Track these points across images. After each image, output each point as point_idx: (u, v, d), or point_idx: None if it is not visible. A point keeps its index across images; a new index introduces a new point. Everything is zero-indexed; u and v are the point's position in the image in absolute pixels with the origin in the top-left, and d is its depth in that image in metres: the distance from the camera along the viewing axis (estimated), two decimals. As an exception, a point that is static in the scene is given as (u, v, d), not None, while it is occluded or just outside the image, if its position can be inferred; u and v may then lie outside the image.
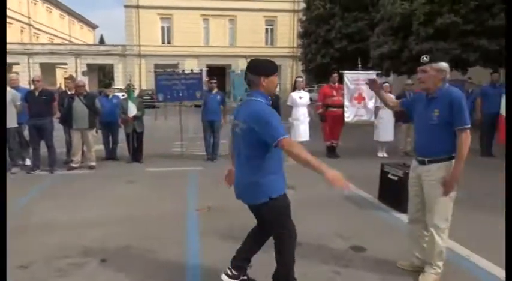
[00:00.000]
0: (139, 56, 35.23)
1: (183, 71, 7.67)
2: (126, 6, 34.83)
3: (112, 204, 5.07)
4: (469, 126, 2.72)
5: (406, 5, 13.12)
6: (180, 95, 7.45)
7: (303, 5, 21.98)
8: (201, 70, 7.63)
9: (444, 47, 12.47)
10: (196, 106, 14.31)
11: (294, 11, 36.17)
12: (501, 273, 3.06)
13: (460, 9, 12.37)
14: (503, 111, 8.00)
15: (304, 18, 21.12)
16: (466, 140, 2.71)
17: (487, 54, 12.59)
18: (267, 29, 37.38)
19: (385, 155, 8.35)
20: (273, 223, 2.60)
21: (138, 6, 34.52)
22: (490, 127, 8.29)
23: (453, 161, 2.77)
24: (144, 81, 33.79)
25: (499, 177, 6.26)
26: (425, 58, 2.81)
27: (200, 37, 36.18)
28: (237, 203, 2.82)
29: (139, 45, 35.09)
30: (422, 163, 2.90)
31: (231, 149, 2.82)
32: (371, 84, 3.01)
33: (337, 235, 3.93)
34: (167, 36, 36.11)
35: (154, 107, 15.71)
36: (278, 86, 2.94)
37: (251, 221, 4.29)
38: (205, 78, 8.41)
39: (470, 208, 4.60)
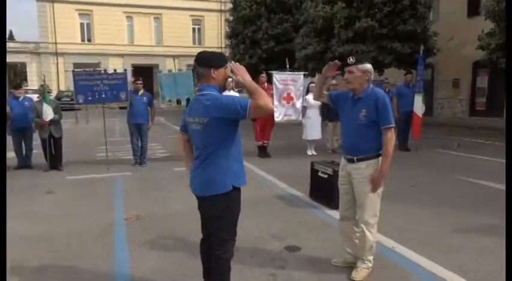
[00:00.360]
0: (56, 54, 32.63)
1: (105, 70, 7.15)
2: (38, 0, 32.04)
3: (29, 218, 4.56)
4: (393, 125, 2.86)
5: (328, 8, 13.73)
6: (103, 96, 6.96)
7: (229, 5, 22.01)
8: (125, 70, 7.20)
9: (363, 50, 13.28)
10: (121, 108, 13.62)
11: (220, 11, 36.16)
12: (425, 263, 3.28)
13: (376, 14, 13.28)
14: (416, 109, 8.71)
15: (231, 18, 21.12)
16: (391, 138, 2.85)
17: (400, 57, 13.66)
18: (194, 29, 36.93)
19: (314, 153, 8.63)
20: (224, 220, 2.48)
21: (52, 1, 31.95)
22: (405, 124, 8.96)
23: (380, 158, 2.90)
24: (63, 81, 31.40)
25: (416, 170, 6.82)
26: (351, 59, 2.89)
27: (124, 35, 34.57)
28: (166, 210, 2.68)
29: (56, 43, 32.50)
30: (351, 161, 2.99)
31: (184, 148, 2.69)
32: (332, 67, 2.98)
33: (271, 236, 3.93)
34: (87, 33, 33.93)
35: (74, 109, 14.61)
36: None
37: (181, 229, 4.15)
38: (130, 78, 7.98)
39: (392, 201, 4.89)
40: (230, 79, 8.07)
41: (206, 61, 2.42)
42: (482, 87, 16.03)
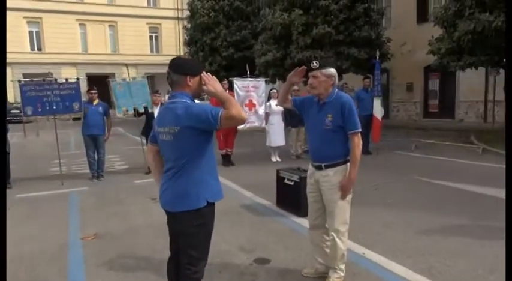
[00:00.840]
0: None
1: (56, 80, 6.72)
2: (-19, 7, 30.12)
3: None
4: (360, 130, 2.82)
5: (285, 15, 13.86)
6: (54, 107, 6.52)
7: (187, 13, 21.74)
8: (78, 79, 6.80)
9: (321, 55, 13.50)
10: (75, 119, 12.96)
11: (178, 18, 35.71)
12: (396, 268, 3.25)
13: (332, 21, 13.56)
14: (375, 112, 8.91)
15: (189, 25, 20.87)
16: (358, 143, 2.80)
17: (357, 62, 14.01)
18: (151, 37, 36.19)
19: (278, 159, 8.58)
20: (196, 238, 2.31)
21: (-3, 8, 30.12)
22: (364, 128, 9.09)
23: (348, 164, 2.84)
24: (12, 93, 29.63)
25: (378, 172, 6.92)
26: (314, 64, 2.82)
27: (77, 43, 33.23)
28: (127, 226, 2.47)
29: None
30: (319, 168, 2.91)
31: (153, 160, 2.50)
32: (299, 72, 2.87)
33: (239, 249, 3.78)
34: (37, 42, 32.32)
35: (21, 122, 13.72)
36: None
37: (144, 246, 3.90)
38: (85, 88, 7.58)
39: (357, 204, 4.89)
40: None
41: (181, 68, 2.29)
42: (434, 90, 16.80)
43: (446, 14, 10.30)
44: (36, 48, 32.30)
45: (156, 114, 7.52)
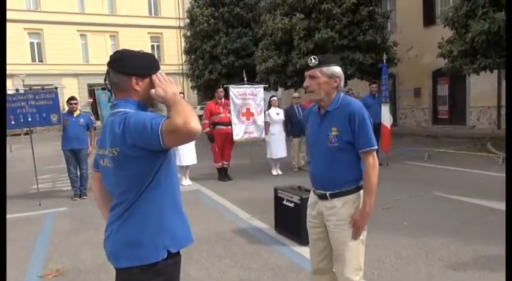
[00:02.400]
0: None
1: (30, 89, 6.13)
2: (-19, 19, 29.99)
3: None
4: (376, 146, 2.14)
5: (286, 20, 13.30)
6: (29, 119, 5.92)
7: (187, 21, 21.31)
8: (56, 88, 6.20)
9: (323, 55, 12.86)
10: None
11: (179, 27, 35.39)
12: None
13: (335, 25, 12.96)
14: (384, 120, 8.22)
15: (188, 33, 20.38)
16: (374, 164, 2.12)
17: (362, 67, 13.37)
18: (153, 46, 35.89)
19: (280, 172, 7.90)
20: None
21: (-2, 20, 29.97)
22: (373, 136, 8.45)
23: (361, 192, 2.17)
24: (10, 104, 29.29)
25: (390, 187, 6.20)
26: (313, 60, 2.16)
27: (78, 54, 32.99)
28: (99, 259, 1.81)
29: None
30: (322, 197, 2.23)
31: (99, 192, 1.85)
32: None
33: (228, 289, 3.10)
34: (38, 53, 32.09)
35: None
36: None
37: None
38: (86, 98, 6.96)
39: (368, 228, 4.19)
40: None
41: (124, 65, 1.63)
42: (443, 96, 16.08)
43: (457, 14, 9.64)
44: (37, 60, 32.08)
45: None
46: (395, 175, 7.34)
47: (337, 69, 2.18)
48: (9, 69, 30.33)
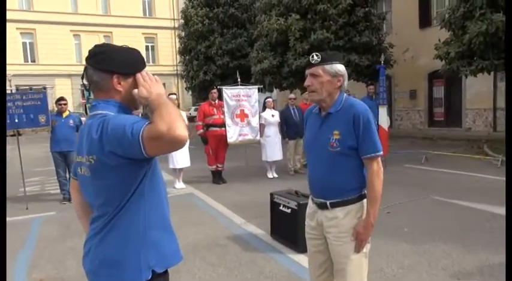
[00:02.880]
0: (-5, 76, 30.05)
1: (17, 89, 5.92)
2: (-27, 19, 29.58)
3: None
4: (381, 152, 1.98)
5: (282, 21, 13.16)
6: (16, 121, 5.71)
7: (182, 22, 21.12)
8: (45, 88, 6.00)
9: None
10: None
11: (174, 28, 35.18)
12: None
13: (331, 26, 12.84)
14: (382, 122, 8.10)
15: (183, 34, 20.17)
16: (378, 171, 1.96)
17: (358, 69, 13.26)
18: (147, 47, 35.65)
19: (275, 175, 7.74)
20: None
21: (-11, 19, 29.56)
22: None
23: (365, 201, 2.01)
24: (2, 105, 28.87)
25: (389, 191, 6.02)
26: (315, 57, 1.99)
27: (72, 54, 32.62)
28: (80, 268, 1.64)
29: (-6, 64, 29.99)
30: (322, 206, 2.06)
31: (79, 202, 1.68)
32: None
33: (221, 302, 2.93)
34: (30, 53, 31.72)
35: None
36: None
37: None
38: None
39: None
40: (174, 96, 7.06)
41: (105, 61, 1.44)
42: (439, 98, 16.02)
43: (454, 15, 9.55)
44: (29, 60, 31.69)
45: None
46: (394, 178, 7.19)
47: (341, 68, 2.01)
48: (1, 69, 30.07)
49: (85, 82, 1.50)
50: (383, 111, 8.08)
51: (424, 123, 16.54)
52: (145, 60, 1.58)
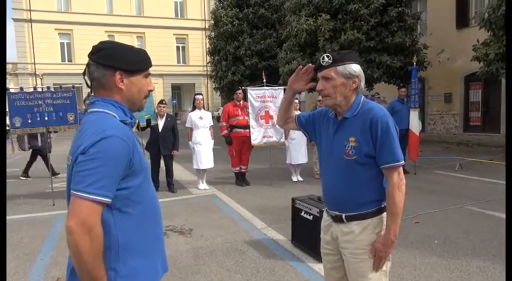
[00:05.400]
0: (35, 75, 31.42)
1: (48, 88, 6.04)
2: (15, 20, 31.03)
3: None
4: (403, 162, 1.79)
5: (311, 21, 12.93)
6: (46, 118, 5.82)
7: (212, 23, 21.27)
8: (73, 87, 6.10)
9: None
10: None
11: (204, 29, 35.56)
12: None
13: (362, 26, 12.50)
14: (413, 126, 7.76)
15: (212, 34, 20.28)
16: (399, 182, 1.76)
17: (389, 71, 12.84)
18: (178, 47, 36.26)
19: (300, 178, 7.56)
20: None
21: (30, 21, 30.91)
22: (400, 143, 7.96)
23: (384, 215, 1.83)
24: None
25: (418, 199, 5.75)
26: (326, 58, 1.80)
27: (105, 55, 33.61)
28: None
29: (34, 64, 31.36)
30: (338, 219, 1.89)
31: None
32: (303, 73, 1.90)
33: (235, 311, 2.81)
34: (67, 53, 32.92)
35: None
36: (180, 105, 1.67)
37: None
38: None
39: (400, 245, 3.82)
40: (200, 96, 7.03)
41: (107, 57, 1.36)
42: (476, 102, 15.27)
43: (494, 15, 9.05)
44: (66, 60, 32.88)
45: (160, 127, 6.72)
46: (424, 185, 6.87)
47: (355, 68, 1.82)
48: (41, 68, 31.31)
49: (86, 79, 1.42)
50: (414, 115, 7.74)
51: (459, 128, 15.82)
52: (151, 60, 1.48)
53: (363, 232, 1.81)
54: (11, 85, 31.29)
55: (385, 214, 1.82)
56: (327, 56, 1.81)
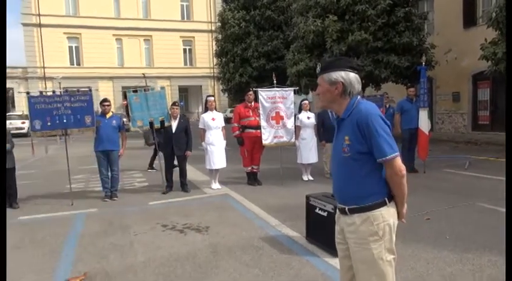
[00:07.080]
0: (44, 78, 31.82)
1: (66, 91, 6.22)
2: (24, 25, 31.48)
3: None
4: (395, 153, 1.91)
5: (318, 22, 13.05)
6: (64, 121, 6.01)
7: (219, 25, 21.47)
8: (90, 90, 6.27)
9: (358, 64, 12.51)
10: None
11: (211, 31, 35.82)
12: None
13: (369, 27, 12.59)
14: (422, 126, 7.84)
15: (220, 36, 20.49)
16: (397, 172, 1.92)
17: (397, 71, 12.91)
18: (185, 49, 36.53)
19: (310, 178, 7.68)
20: None
21: (39, 25, 31.34)
22: (409, 143, 8.08)
23: (384, 209, 1.98)
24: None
25: (428, 196, 5.85)
26: (318, 67, 2.09)
27: (113, 58, 34.01)
28: (121, 264, 1.71)
29: (43, 67, 31.77)
30: (343, 212, 2.07)
31: None
32: None
33: (256, 303, 2.94)
34: (76, 57, 33.31)
35: (26, 136, 13.00)
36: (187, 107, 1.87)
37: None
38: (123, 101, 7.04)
39: (405, 240, 3.92)
40: (212, 98, 7.19)
41: None
42: (484, 100, 15.28)
43: (502, 14, 9.11)
44: (75, 63, 33.28)
45: (174, 128, 6.88)
46: (434, 183, 6.95)
47: (337, 75, 2.00)
48: (48, 72, 31.70)
49: None
50: (424, 115, 7.82)
51: (467, 127, 15.84)
52: None
53: (363, 224, 1.96)
54: (21, 89, 31.75)
55: (384, 208, 1.97)
56: (318, 65, 2.06)
